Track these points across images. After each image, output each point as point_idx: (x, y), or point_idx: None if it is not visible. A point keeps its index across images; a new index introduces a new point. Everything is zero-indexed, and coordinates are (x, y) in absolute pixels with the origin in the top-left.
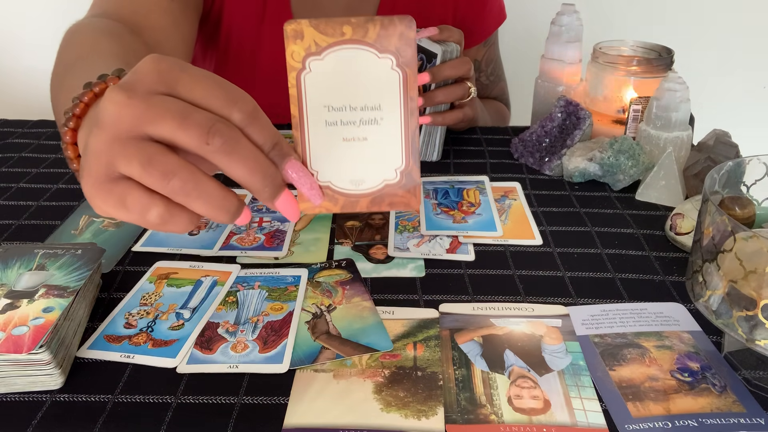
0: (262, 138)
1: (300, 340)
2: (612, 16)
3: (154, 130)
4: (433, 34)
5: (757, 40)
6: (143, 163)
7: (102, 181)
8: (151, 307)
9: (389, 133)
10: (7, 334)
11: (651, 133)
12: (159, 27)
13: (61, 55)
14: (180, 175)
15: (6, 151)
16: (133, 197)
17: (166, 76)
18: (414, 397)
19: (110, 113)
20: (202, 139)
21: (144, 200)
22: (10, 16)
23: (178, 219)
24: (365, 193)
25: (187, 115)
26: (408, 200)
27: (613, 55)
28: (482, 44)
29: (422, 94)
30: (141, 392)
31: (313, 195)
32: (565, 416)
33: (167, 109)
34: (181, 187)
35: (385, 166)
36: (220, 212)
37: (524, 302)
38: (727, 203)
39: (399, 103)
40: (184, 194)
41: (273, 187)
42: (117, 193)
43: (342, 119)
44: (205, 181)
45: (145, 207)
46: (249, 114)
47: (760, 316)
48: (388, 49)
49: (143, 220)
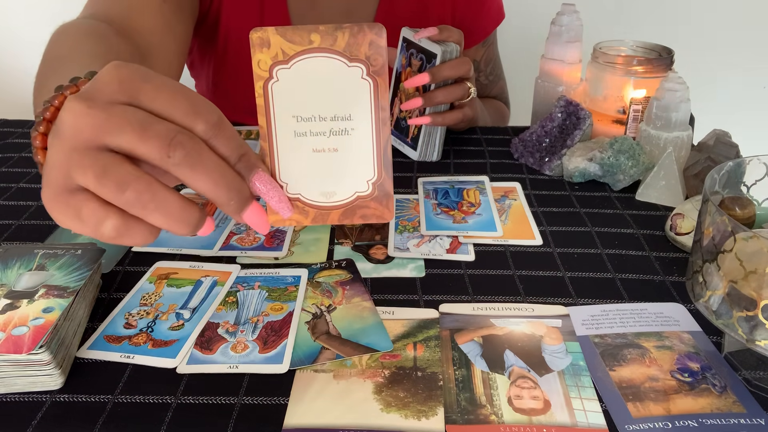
0: (227, 150)
1: (300, 341)
2: (612, 16)
3: (113, 141)
4: (433, 34)
5: (757, 40)
6: (98, 174)
7: (59, 192)
8: (151, 307)
9: (360, 144)
10: (7, 334)
11: (651, 133)
12: (150, 29)
13: (44, 55)
14: (134, 186)
15: (6, 151)
16: (88, 209)
17: (128, 85)
18: (414, 397)
19: (69, 123)
20: (162, 151)
21: (99, 213)
22: (11, 16)
23: (135, 232)
24: (336, 205)
25: (147, 126)
26: (381, 212)
27: (613, 55)
28: (481, 44)
29: (422, 95)
30: (141, 392)
31: (282, 208)
32: (565, 416)
33: (127, 120)
34: (137, 199)
35: (356, 178)
36: (179, 224)
37: (524, 302)
38: (728, 203)
39: (370, 113)
40: (141, 206)
41: (239, 201)
42: (73, 205)
43: (311, 130)
44: (162, 192)
45: (99, 219)
46: (213, 125)
47: (761, 316)
48: (358, 57)
49: (98, 233)
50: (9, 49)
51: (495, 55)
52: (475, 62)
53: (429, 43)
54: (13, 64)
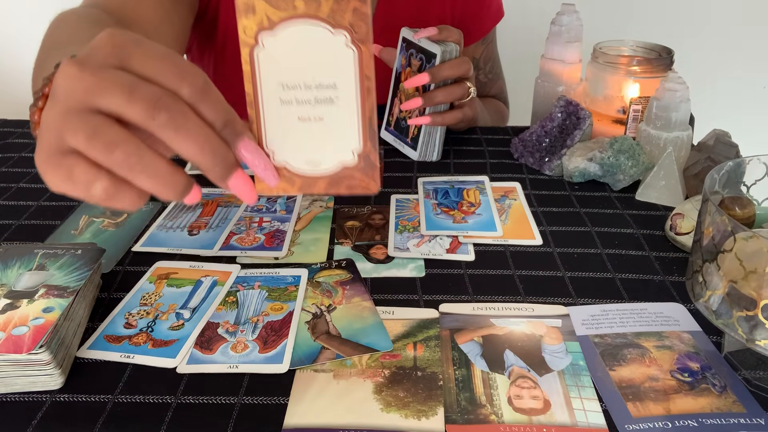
0: (213, 115)
1: (300, 340)
2: (612, 16)
3: (102, 103)
4: (432, 34)
5: (757, 41)
6: (88, 135)
7: (52, 154)
8: (151, 307)
9: (345, 113)
10: (7, 334)
11: (651, 133)
12: (148, 20)
13: (43, 41)
14: (123, 148)
15: (6, 151)
16: (79, 170)
17: (120, 50)
18: (414, 397)
19: (62, 86)
20: (147, 112)
21: (90, 174)
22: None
23: (124, 195)
24: (322, 175)
25: (134, 88)
26: (367, 184)
27: (613, 55)
28: (480, 42)
29: (422, 95)
30: (141, 392)
31: (267, 176)
32: (565, 416)
33: (115, 83)
34: (125, 160)
35: (342, 148)
36: (166, 189)
37: (524, 302)
38: (727, 203)
39: (354, 82)
40: (128, 168)
41: (224, 167)
42: (65, 166)
43: (297, 98)
44: (150, 155)
45: (90, 180)
46: (199, 89)
47: (760, 316)
48: (341, 24)
49: (88, 195)
50: (9, 50)
51: (494, 54)
52: (474, 60)
53: (428, 43)
54: (13, 65)
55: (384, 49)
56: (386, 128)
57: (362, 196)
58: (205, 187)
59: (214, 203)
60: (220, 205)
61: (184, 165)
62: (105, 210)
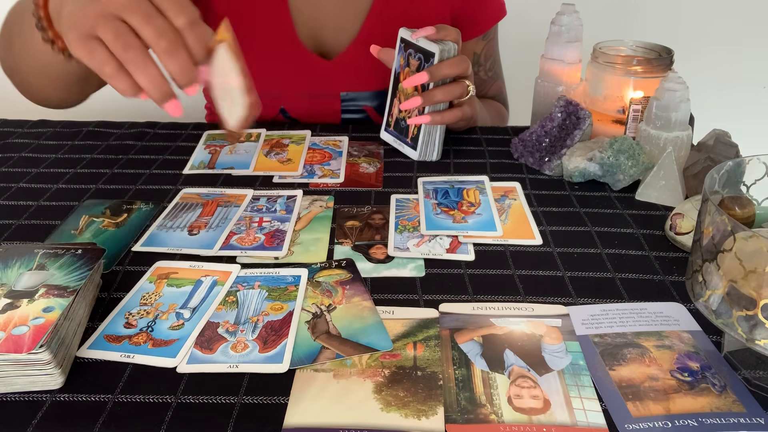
0: (193, 41)
1: (300, 340)
2: (612, 16)
3: (128, 18)
4: (430, 33)
5: (757, 40)
6: (115, 35)
7: (83, 35)
8: (151, 306)
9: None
10: (7, 333)
11: (651, 133)
12: None
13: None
14: (134, 51)
15: (6, 151)
16: (99, 52)
17: None
18: (414, 396)
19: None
20: (155, 37)
21: (106, 56)
22: None
23: (124, 81)
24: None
25: (150, 17)
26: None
27: (613, 55)
28: (481, 37)
29: (421, 94)
30: (141, 392)
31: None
32: (565, 416)
33: (139, 8)
34: (132, 59)
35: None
36: (153, 89)
37: (524, 302)
38: (727, 203)
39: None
40: (133, 65)
41: (187, 82)
42: (90, 47)
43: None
44: (150, 62)
45: (105, 61)
46: (189, 22)
47: (760, 315)
48: None
49: (100, 70)
50: None
51: (495, 52)
52: (475, 55)
53: (426, 43)
54: None
55: (382, 50)
56: (386, 129)
57: (362, 196)
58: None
59: (214, 203)
60: (220, 205)
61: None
62: (105, 210)
